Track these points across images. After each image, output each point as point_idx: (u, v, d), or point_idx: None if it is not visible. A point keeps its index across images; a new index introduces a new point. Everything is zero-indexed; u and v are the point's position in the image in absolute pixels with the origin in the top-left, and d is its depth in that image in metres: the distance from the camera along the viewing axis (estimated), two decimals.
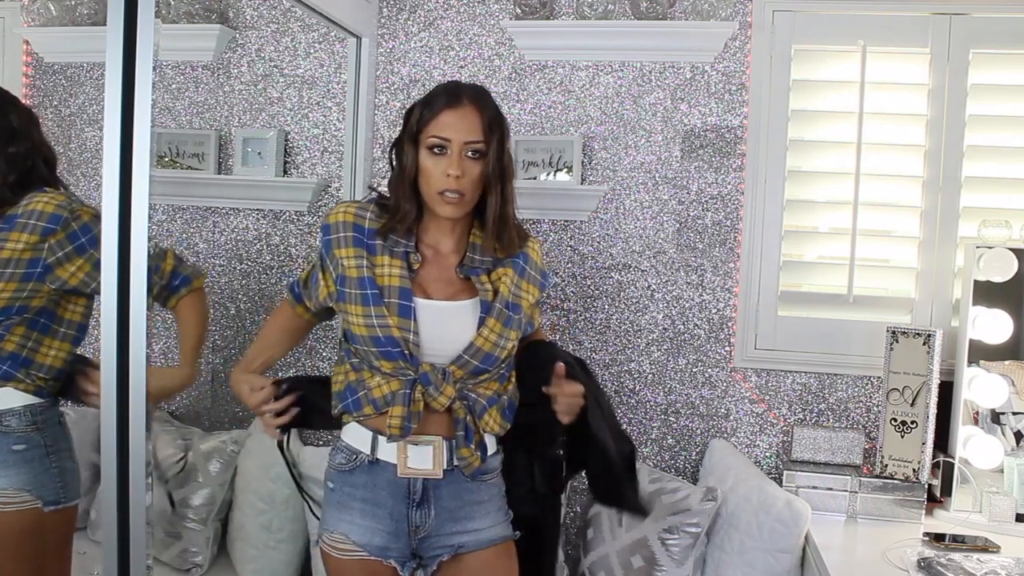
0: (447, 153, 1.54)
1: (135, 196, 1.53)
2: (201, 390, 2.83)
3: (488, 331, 1.59)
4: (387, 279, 1.57)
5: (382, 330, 1.54)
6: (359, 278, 1.57)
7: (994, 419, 2.26)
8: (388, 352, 1.55)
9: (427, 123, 1.56)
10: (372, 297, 1.55)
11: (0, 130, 1.80)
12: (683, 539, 2.12)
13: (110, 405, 1.54)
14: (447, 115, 1.55)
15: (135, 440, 1.55)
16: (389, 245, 1.59)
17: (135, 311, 1.54)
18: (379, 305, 1.55)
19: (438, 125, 1.55)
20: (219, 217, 2.80)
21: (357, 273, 1.57)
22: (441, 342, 1.57)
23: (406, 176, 1.59)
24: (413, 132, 1.58)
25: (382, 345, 1.55)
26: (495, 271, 1.64)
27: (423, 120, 1.57)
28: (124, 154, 1.52)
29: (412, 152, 1.58)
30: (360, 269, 1.57)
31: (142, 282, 1.54)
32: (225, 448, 2.55)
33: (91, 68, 2.86)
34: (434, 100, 1.58)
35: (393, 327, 1.54)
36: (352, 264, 1.58)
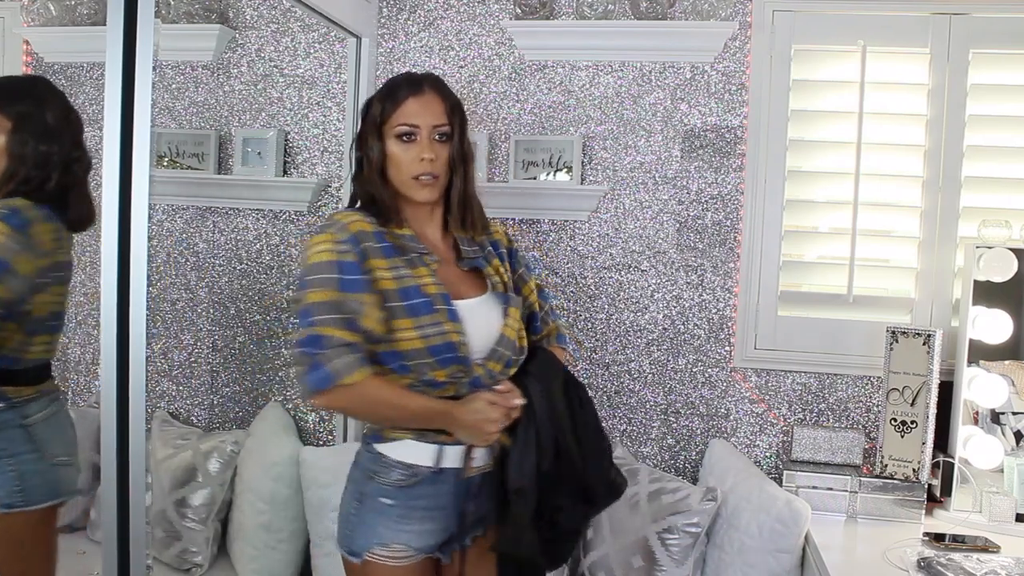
0: (416, 139, 1.58)
1: (135, 196, 1.53)
2: (201, 390, 2.83)
3: (512, 320, 1.63)
4: (427, 287, 1.54)
5: (440, 337, 1.51)
6: (401, 289, 1.52)
7: (994, 419, 2.26)
8: (446, 359, 1.53)
9: (391, 113, 1.59)
10: (423, 306, 1.52)
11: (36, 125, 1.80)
12: (683, 539, 2.12)
13: (110, 405, 1.54)
14: (412, 103, 1.59)
15: (135, 440, 1.56)
16: (407, 251, 1.57)
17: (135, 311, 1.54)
18: (432, 313, 1.52)
19: (405, 113, 1.58)
20: (219, 217, 2.80)
21: (398, 284, 1.52)
22: (479, 340, 1.58)
23: (375, 168, 1.60)
24: (377, 124, 1.60)
25: (440, 353, 1.52)
26: (492, 262, 1.69)
27: (386, 111, 1.59)
28: (124, 154, 1.52)
29: (378, 144, 1.60)
30: (401, 280, 1.53)
31: (142, 282, 1.54)
32: (225, 448, 2.55)
33: (91, 68, 2.86)
34: (396, 90, 1.60)
35: (450, 333, 1.53)
36: (389, 275, 1.52)
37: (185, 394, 2.84)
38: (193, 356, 2.83)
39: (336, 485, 2.29)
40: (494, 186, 2.58)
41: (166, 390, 2.84)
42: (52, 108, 1.85)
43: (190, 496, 2.50)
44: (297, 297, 1.49)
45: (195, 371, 2.83)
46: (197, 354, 2.82)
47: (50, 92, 1.88)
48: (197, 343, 2.82)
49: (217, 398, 2.82)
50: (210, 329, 2.82)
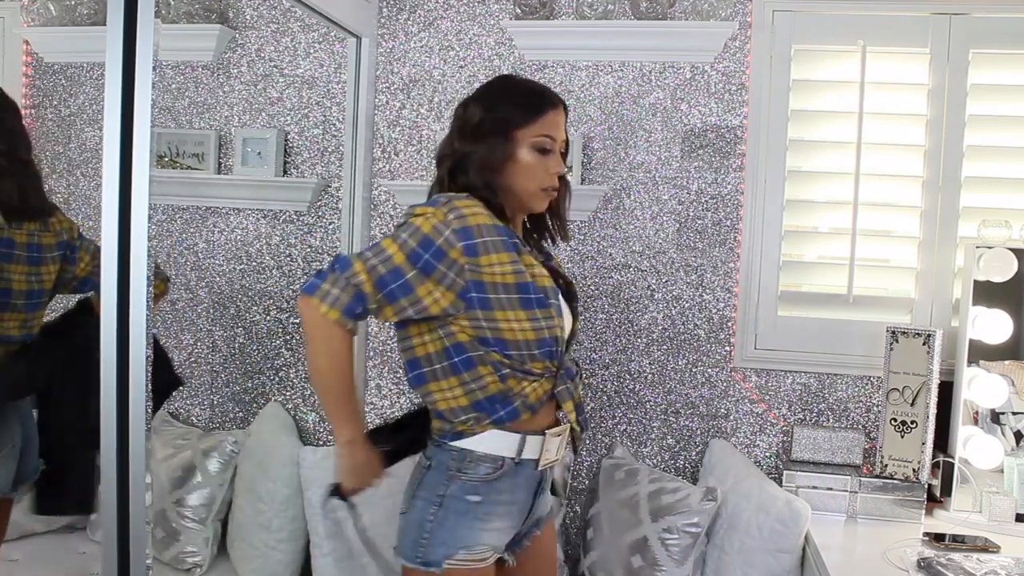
0: (550, 152, 1.61)
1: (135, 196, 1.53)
2: (201, 390, 2.83)
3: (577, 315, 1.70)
4: (541, 280, 1.58)
5: (549, 331, 1.55)
6: (519, 283, 1.53)
7: (994, 419, 2.26)
8: (549, 352, 1.57)
9: (531, 122, 1.59)
10: (538, 301, 1.55)
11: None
12: (683, 539, 2.12)
13: (110, 405, 1.54)
14: (552, 116, 1.62)
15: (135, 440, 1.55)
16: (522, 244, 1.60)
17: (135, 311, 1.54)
18: (546, 307, 1.55)
19: (546, 125, 1.60)
20: (219, 217, 2.80)
21: (516, 278, 1.53)
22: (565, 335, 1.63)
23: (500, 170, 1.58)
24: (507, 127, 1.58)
25: (546, 346, 1.56)
26: (552, 260, 1.75)
27: (526, 119, 1.59)
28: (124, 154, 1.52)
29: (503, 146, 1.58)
30: (519, 274, 1.54)
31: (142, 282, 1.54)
32: (225, 448, 2.55)
33: (91, 68, 2.86)
34: (536, 99, 1.62)
35: (557, 327, 1.57)
36: (509, 270, 1.53)
37: (185, 394, 2.84)
38: (193, 356, 2.83)
39: None
40: None
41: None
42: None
43: (190, 496, 2.50)
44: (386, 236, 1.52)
45: (195, 371, 2.83)
46: (197, 354, 2.82)
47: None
48: (197, 343, 2.82)
49: (217, 398, 2.82)
50: (210, 329, 2.82)
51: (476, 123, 1.59)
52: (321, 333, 1.48)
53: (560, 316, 1.59)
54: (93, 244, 2.14)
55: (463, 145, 1.60)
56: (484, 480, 1.56)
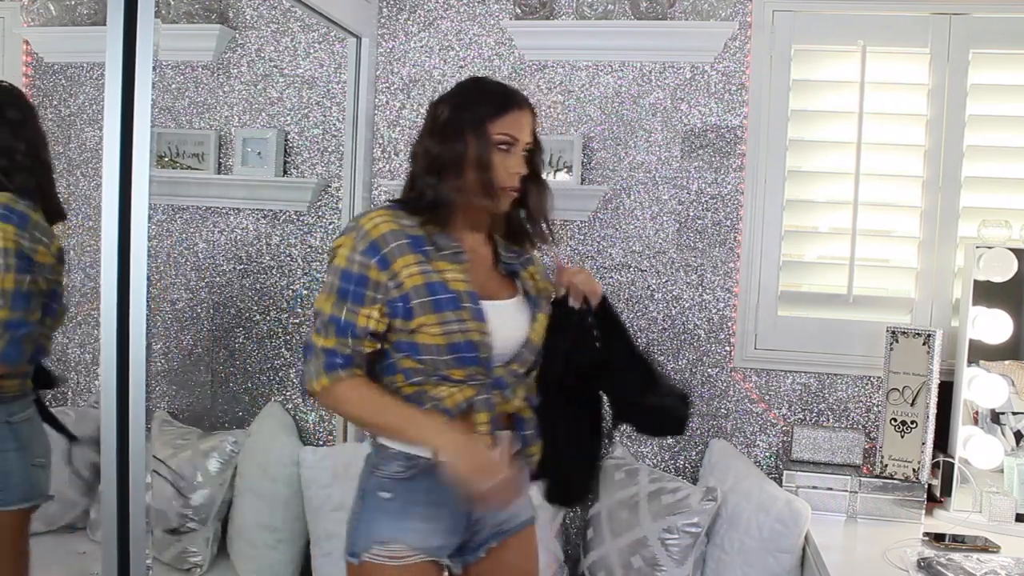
0: (512, 152, 1.59)
1: (135, 196, 1.53)
2: (201, 390, 2.83)
3: (539, 325, 1.64)
4: (455, 283, 1.54)
5: (462, 335, 1.51)
6: (428, 284, 1.52)
7: (994, 419, 2.26)
8: (464, 358, 1.52)
9: (494, 120, 1.57)
10: (448, 302, 1.51)
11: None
12: (683, 539, 2.12)
13: (110, 405, 1.54)
14: (517, 115, 1.60)
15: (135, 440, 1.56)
16: (439, 248, 1.57)
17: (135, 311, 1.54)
18: (457, 310, 1.52)
19: (507, 123, 1.58)
20: (219, 217, 2.80)
21: (425, 279, 1.52)
22: (504, 341, 1.58)
23: (466, 164, 1.57)
24: (481, 124, 1.57)
25: (460, 351, 1.52)
26: (527, 268, 1.70)
27: (489, 116, 1.58)
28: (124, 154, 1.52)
29: (476, 143, 1.57)
30: (428, 275, 1.52)
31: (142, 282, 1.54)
32: (225, 448, 2.55)
33: (91, 68, 2.86)
34: (502, 98, 1.60)
35: (472, 331, 1.52)
36: (416, 271, 1.52)
37: (185, 394, 2.84)
38: (193, 356, 2.83)
39: (336, 485, 2.30)
40: None
41: (166, 390, 2.84)
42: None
43: (190, 496, 2.50)
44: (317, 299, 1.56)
45: (195, 371, 2.83)
46: (197, 354, 2.82)
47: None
48: (197, 343, 2.82)
49: (217, 398, 2.82)
50: (210, 329, 2.82)
51: (443, 121, 1.59)
52: (335, 400, 1.53)
53: (480, 320, 1.53)
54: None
55: (431, 143, 1.59)
56: (395, 477, 1.56)
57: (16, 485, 1.82)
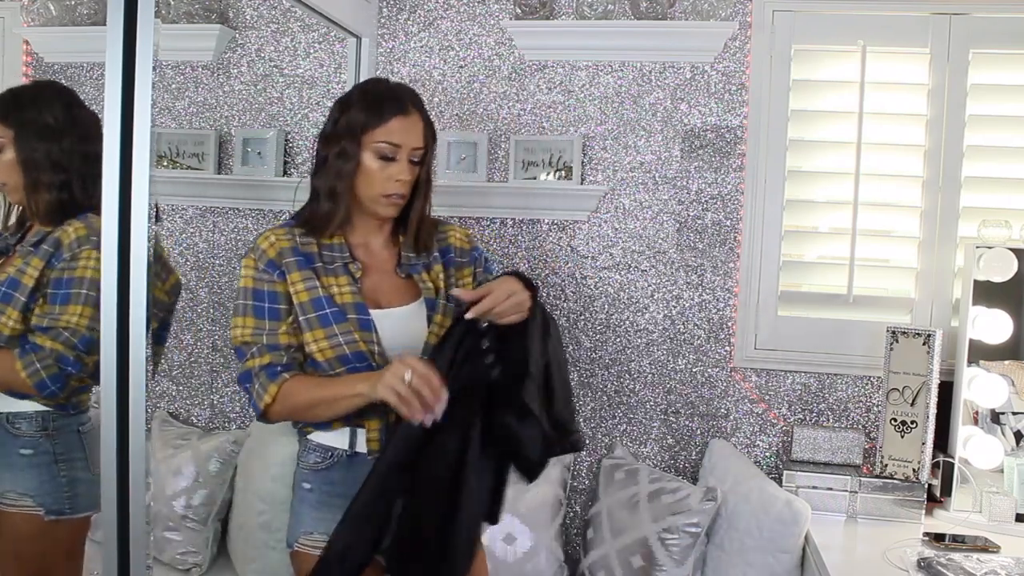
0: (395, 159, 1.59)
1: (135, 196, 1.52)
2: (201, 390, 2.83)
3: (437, 327, 1.63)
4: (340, 296, 1.57)
5: (349, 347, 1.54)
6: (314, 299, 1.56)
7: (994, 419, 2.26)
8: (356, 368, 1.55)
9: (375, 127, 1.58)
10: (334, 316, 1.55)
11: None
12: (683, 539, 2.12)
13: (110, 405, 1.54)
14: (398, 122, 1.59)
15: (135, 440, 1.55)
16: (328, 262, 1.59)
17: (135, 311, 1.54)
18: (343, 322, 1.55)
19: (388, 131, 1.58)
20: (219, 217, 2.80)
21: (310, 295, 1.56)
22: (400, 349, 1.58)
23: (345, 175, 1.59)
24: (356, 132, 1.58)
25: (350, 363, 1.55)
26: (432, 269, 1.70)
27: (370, 123, 1.58)
28: (124, 154, 1.52)
29: (355, 152, 1.58)
30: (314, 291, 1.57)
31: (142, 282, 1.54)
32: (225, 448, 2.55)
33: (91, 68, 2.86)
34: (381, 104, 1.59)
35: (360, 342, 1.55)
36: (303, 288, 1.57)
37: (185, 394, 2.84)
38: (193, 356, 2.83)
39: None
40: (494, 186, 2.58)
41: (166, 390, 2.84)
42: (52, 108, 1.81)
43: (190, 496, 2.50)
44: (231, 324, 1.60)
45: (195, 371, 2.83)
46: (197, 354, 2.82)
47: (53, 92, 1.86)
48: (197, 343, 2.82)
49: (217, 398, 2.82)
50: (210, 329, 2.82)
51: (331, 127, 1.61)
52: (284, 399, 1.53)
53: (367, 330, 1.55)
54: None
55: (320, 147, 1.63)
56: (314, 469, 1.61)
57: (82, 494, 1.82)
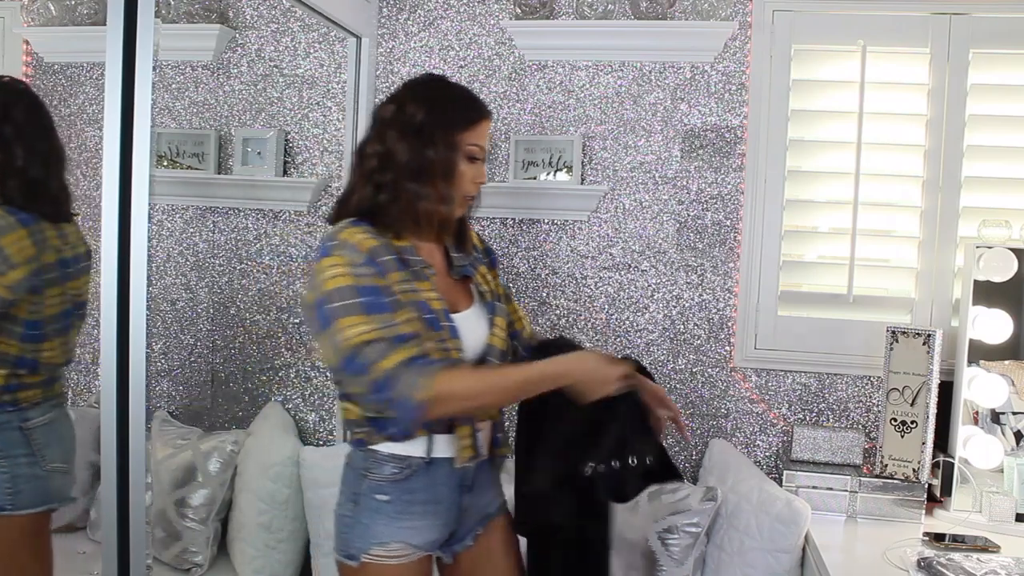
0: (478, 161, 1.60)
1: (135, 196, 1.53)
2: (201, 390, 2.83)
3: (499, 329, 1.65)
4: (431, 302, 1.53)
5: (442, 354, 1.50)
6: (415, 303, 1.50)
7: (994, 419, 2.26)
8: None
9: (468, 129, 1.57)
10: (432, 322, 1.51)
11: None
12: (683, 539, 2.12)
13: (110, 405, 1.54)
14: (485, 125, 1.60)
15: (135, 440, 1.56)
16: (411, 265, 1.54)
17: (135, 311, 1.54)
18: (439, 329, 1.52)
19: (479, 134, 1.58)
20: (219, 217, 2.80)
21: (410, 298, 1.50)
22: (470, 351, 1.59)
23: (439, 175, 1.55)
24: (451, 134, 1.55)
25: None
26: (479, 270, 1.71)
27: (464, 125, 1.57)
28: (124, 154, 1.52)
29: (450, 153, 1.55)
30: (414, 294, 1.51)
31: (142, 282, 1.54)
32: (225, 448, 2.55)
33: (91, 68, 2.86)
34: (474, 108, 1.60)
35: (452, 350, 1.53)
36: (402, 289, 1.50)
37: (185, 394, 2.84)
38: (193, 356, 2.83)
39: (336, 485, 2.30)
40: (494, 186, 2.58)
41: (166, 390, 2.84)
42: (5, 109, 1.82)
43: (190, 496, 2.50)
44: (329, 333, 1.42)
45: (195, 371, 2.83)
46: (197, 354, 2.83)
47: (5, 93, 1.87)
48: (197, 343, 2.82)
49: (217, 398, 2.82)
50: (210, 329, 2.82)
51: (418, 125, 1.54)
52: (448, 392, 1.44)
53: (456, 338, 1.54)
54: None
55: (400, 145, 1.54)
56: (391, 480, 1.56)
57: (26, 490, 1.81)
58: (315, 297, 1.44)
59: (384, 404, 1.43)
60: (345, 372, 1.43)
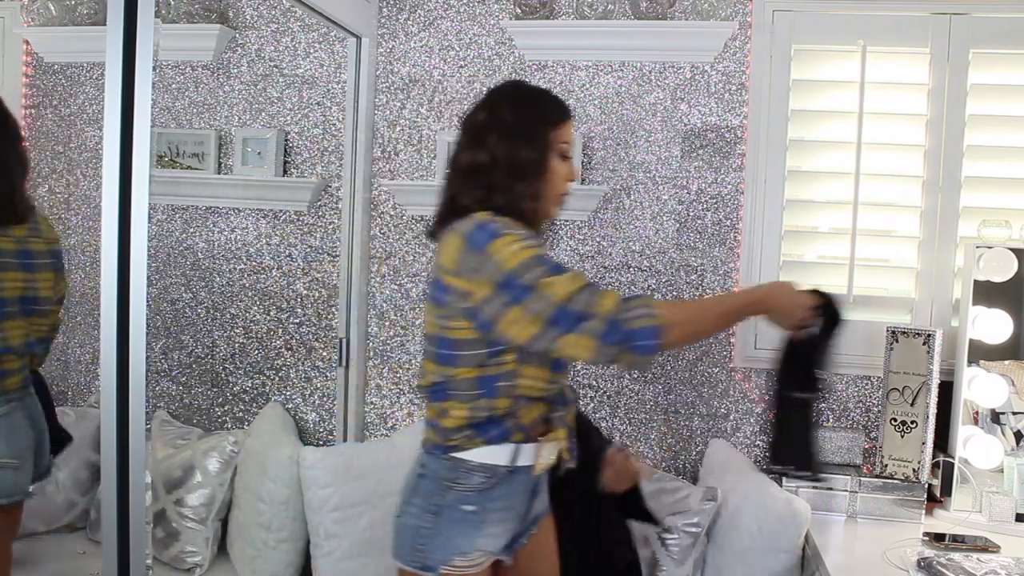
0: (568, 159, 1.64)
1: (135, 196, 1.53)
2: (201, 390, 2.83)
3: None
4: None
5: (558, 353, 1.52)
6: None
7: (994, 419, 2.26)
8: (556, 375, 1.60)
9: (559, 126, 1.62)
10: None
11: None
12: (683, 539, 2.12)
13: (110, 405, 1.54)
14: (571, 124, 1.65)
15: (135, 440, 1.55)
16: None
17: (135, 311, 1.54)
18: None
19: (567, 131, 1.63)
20: (219, 217, 2.80)
21: None
22: None
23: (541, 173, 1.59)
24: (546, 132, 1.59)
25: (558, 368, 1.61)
26: None
27: (555, 122, 1.61)
28: (124, 154, 1.52)
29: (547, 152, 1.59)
30: None
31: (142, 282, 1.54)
32: (225, 448, 2.55)
33: (91, 68, 2.86)
34: (557, 108, 1.64)
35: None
36: None
37: (185, 394, 2.84)
38: (193, 356, 2.83)
39: (336, 485, 2.30)
40: None
41: (166, 390, 2.84)
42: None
43: (190, 496, 2.50)
44: (528, 302, 1.43)
45: (195, 371, 2.83)
46: (197, 354, 2.83)
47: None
48: (197, 343, 2.82)
49: (217, 398, 2.83)
50: (210, 329, 2.82)
51: (514, 126, 1.58)
52: (681, 330, 1.47)
53: None
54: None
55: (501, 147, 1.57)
56: (479, 490, 1.57)
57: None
58: (499, 277, 1.45)
59: (621, 340, 1.42)
60: (558, 329, 1.43)
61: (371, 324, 2.71)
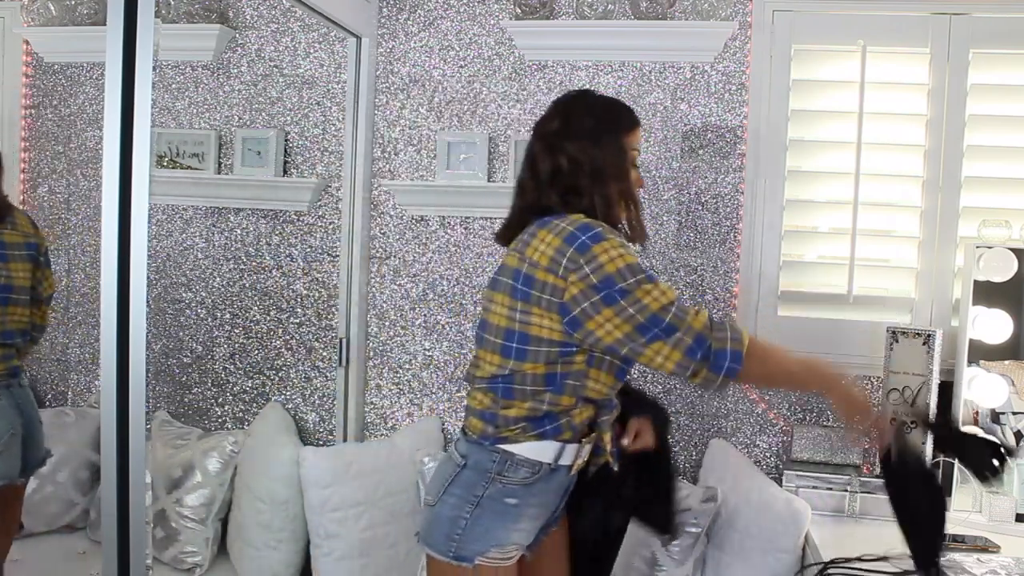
0: (636, 167, 1.67)
1: (135, 196, 1.53)
2: (201, 390, 2.83)
3: None
4: None
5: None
6: None
7: (994, 419, 2.26)
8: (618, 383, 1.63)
9: (631, 133, 1.64)
10: None
11: None
12: (683, 539, 2.12)
13: (110, 405, 1.54)
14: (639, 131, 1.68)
15: (135, 440, 1.56)
16: None
17: (135, 311, 1.54)
18: None
19: (636, 139, 1.66)
20: (219, 217, 2.80)
21: None
22: None
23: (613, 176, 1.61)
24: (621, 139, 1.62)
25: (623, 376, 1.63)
26: None
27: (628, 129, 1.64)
28: (124, 154, 1.52)
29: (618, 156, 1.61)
30: None
31: (142, 282, 1.54)
32: (225, 448, 2.55)
33: (91, 68, 2.86)
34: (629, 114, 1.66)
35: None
36: None
37: (185, 394, 2.84)
38: (193, 356, 2.83)
39: (336, 485, 2.30)
40: (494, 186, 2.58)
41: (166, 390, 2.84)
42: None
43: (190, 496, 2.50)
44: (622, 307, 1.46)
45: (195, 371, 2.83)
46: (197, 354, 2.83)
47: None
48: (197, 343, 2.82)
49: (217, 398, 2.83)
50: (210, 329, 2.82)
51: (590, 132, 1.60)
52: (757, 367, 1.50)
53: None
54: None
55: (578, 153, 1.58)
56: (522, 484, 1.58)
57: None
58: (599, 278, 1.47)
59: (705, 357, 1.46)
60: (647, 336, 1.47)
61: (371, 324, 2.71)
